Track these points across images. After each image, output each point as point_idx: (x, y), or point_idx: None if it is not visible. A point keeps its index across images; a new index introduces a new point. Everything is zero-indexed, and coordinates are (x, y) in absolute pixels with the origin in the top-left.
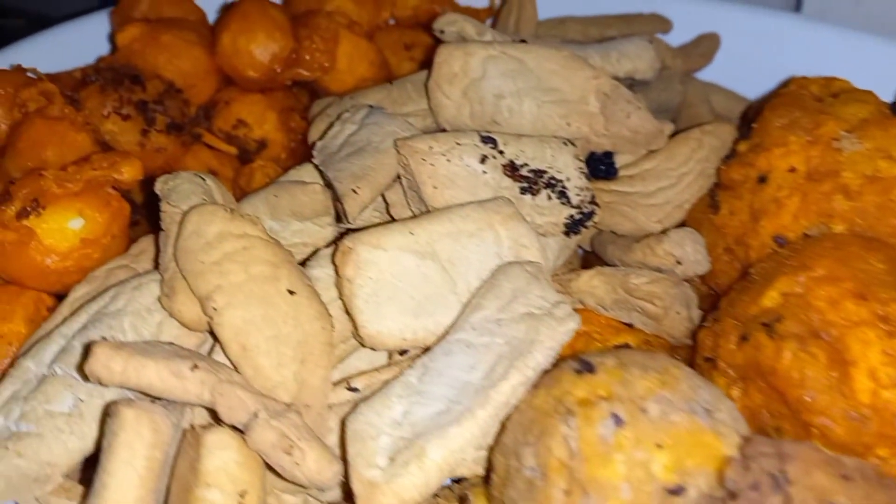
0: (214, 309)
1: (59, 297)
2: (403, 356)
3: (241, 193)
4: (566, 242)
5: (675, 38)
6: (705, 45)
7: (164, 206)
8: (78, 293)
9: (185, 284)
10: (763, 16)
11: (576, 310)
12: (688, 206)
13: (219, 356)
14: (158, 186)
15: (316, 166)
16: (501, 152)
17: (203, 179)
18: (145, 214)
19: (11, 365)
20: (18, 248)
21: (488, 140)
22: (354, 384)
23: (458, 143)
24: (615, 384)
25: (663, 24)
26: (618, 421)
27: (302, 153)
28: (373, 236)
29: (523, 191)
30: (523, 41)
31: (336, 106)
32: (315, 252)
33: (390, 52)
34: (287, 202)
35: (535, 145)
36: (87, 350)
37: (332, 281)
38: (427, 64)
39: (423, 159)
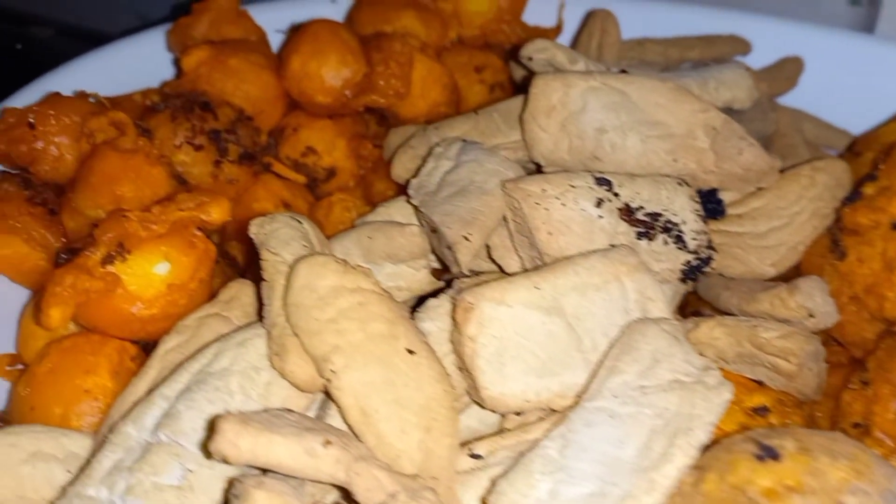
0: (333, 371)
1: (143, 344)
2: (519, 417)
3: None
4: (678, 289)
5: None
6: (789, 69)
7: (264, 255)
8: (168, 345)
9: (297, 342)
10: (838, 37)
11: None
12: (802, 248)
13: (332, 419)
14: (254, 231)
15: (415, 207)
16: (616, 195)
17: (299, 222)
18: (220, 253)
19: (108, 428)
20: (103, 296)
21: (603, 182)
22: (476, 450)
23: (572, 186)
24: (804, 473)
25: (743, 45)
26: None
27: (372, 182)
28: (496, 291)
29: (639, 236)
30: (623, 71)
31: (420, 138)
32: (420, 301)
33: (460, 74)
34: (382, 244)
35: (651, 186)
36: (211, 426)
37: (445, 335)
38: (498, 87)
39: (537, 203)
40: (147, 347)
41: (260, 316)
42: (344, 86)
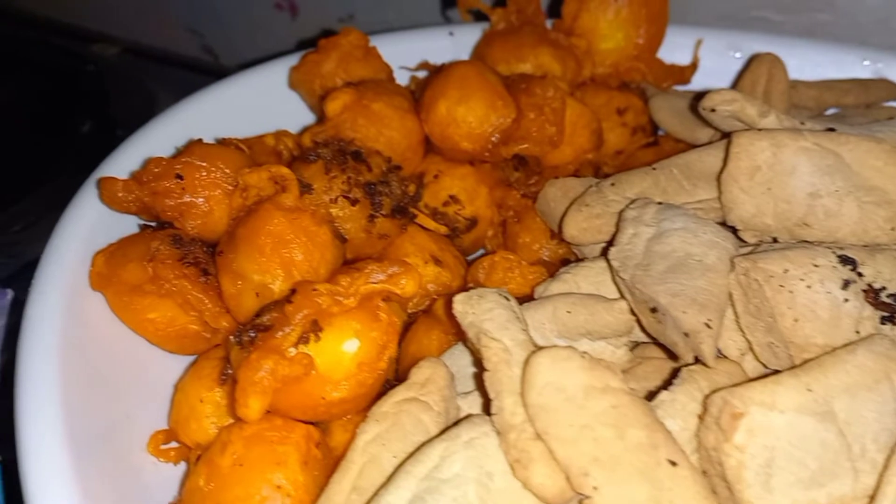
0: (595, 488)
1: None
2: None
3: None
4: None
5: None
6: None
7: (485, 342)
8: (368, 436)
9: (542, 449)
10: None
11: None
12: None
13: None
14: (460, 309)
15: (619, 279)
16: (861, 275)
17: (508, 299)
18: None
19: None
20: (297, 380)
21: (847, 261)
22: None
23: (815, 266)
24: None
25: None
26: None
27: (516, 233)
28: (765, 395)
29: (884, 320)
30: (831, 129)
31: (595, 196)
32: (668, 400)
33: (601, 116)
34: (584, 320)
35: (892, 264)
36: None
37: (686, 434)
38: (640, 130)
39: (781, 286)
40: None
41: (486, 411)
42: (492, 132)
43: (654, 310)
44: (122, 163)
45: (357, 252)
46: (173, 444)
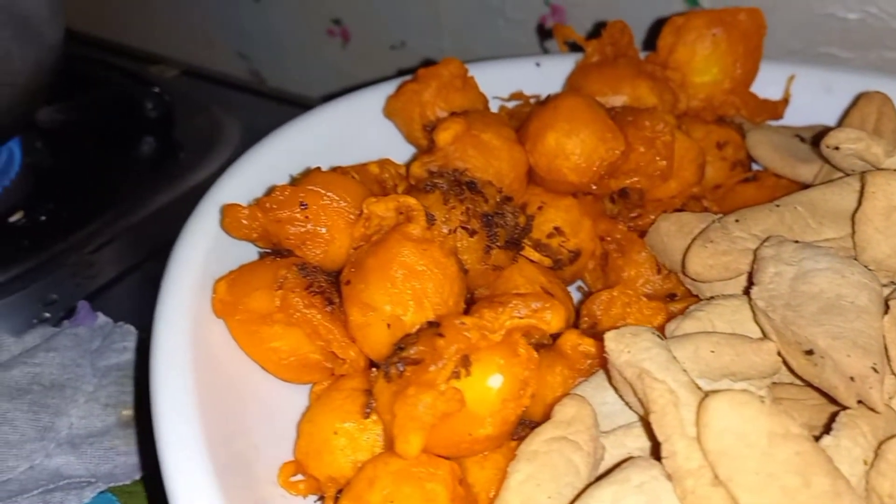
0: None
1: None
2: None
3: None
4: None
5: None
6: None
7: (648, 383)
8: (521, 475)
9: (724, 496)
10: None
11: None
12: None
13: None
14: (613, 346)
15: (771, 320)
16: None
17: (661, 338)
18: None
19: None
20: (448, 418)
21: None
22: None
23: None
24: None
25: None
26: None
27: (620, 266)
28: None
29: None
30: None
31: (719, 232)
32: (832, 445)
33: None
34: (729, 360)
35: None
36: None
37: (855, 481)
38: (739, 165)
39: None
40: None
41: (655, 455)
42: (600, 165)
43: (809, 352)
44: (227, 190)
45: (471, 284)
46: (300, 477)
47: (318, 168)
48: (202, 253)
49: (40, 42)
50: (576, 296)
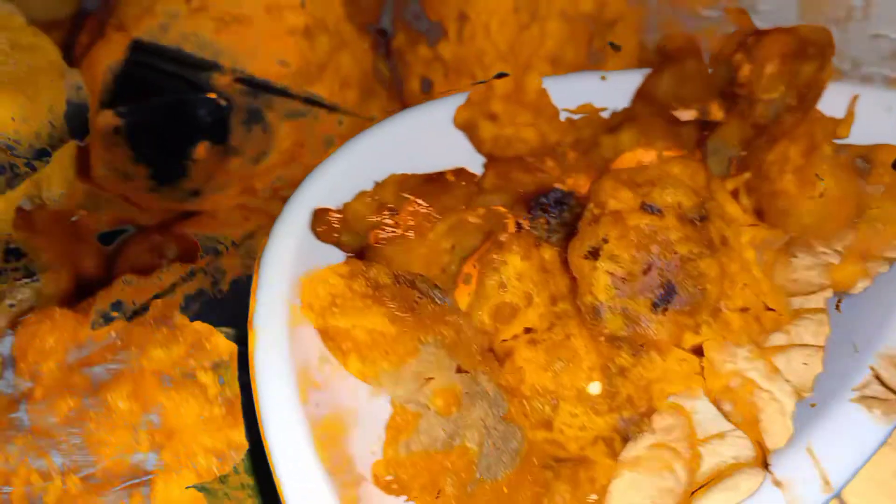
0: None
1: None
2: None
3: None
4: None
5: None
6: None
7: (755, 392)
8: (623, 482)
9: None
10: None
11: None
12: None
13: None
14: (715, 357)
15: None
16: None
17: (756, 346)
18: None
19: None
20: None
21: None
22: None
23: None
24: None
25: None
26: None
27: None
28: None
29: None
30: None
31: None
32: None
33: None
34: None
35: None
36: None
37: None
38: None
39: None
40: None
41: (759, 463)
42: None
43: None
44: (313, 193)
45: None
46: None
47: (404, 174)
48: (290, 257)
49: None
50: None
